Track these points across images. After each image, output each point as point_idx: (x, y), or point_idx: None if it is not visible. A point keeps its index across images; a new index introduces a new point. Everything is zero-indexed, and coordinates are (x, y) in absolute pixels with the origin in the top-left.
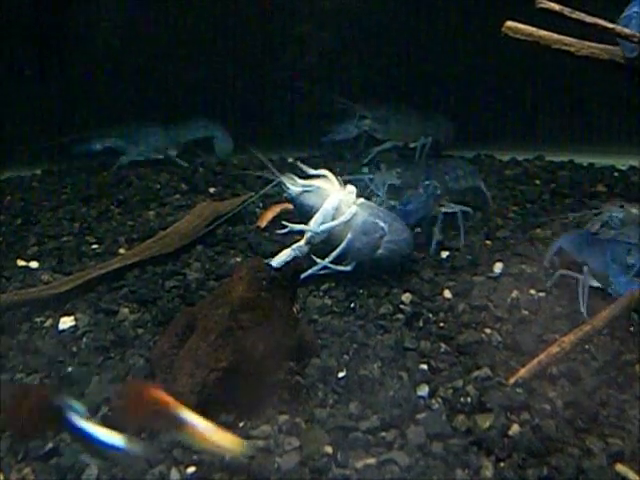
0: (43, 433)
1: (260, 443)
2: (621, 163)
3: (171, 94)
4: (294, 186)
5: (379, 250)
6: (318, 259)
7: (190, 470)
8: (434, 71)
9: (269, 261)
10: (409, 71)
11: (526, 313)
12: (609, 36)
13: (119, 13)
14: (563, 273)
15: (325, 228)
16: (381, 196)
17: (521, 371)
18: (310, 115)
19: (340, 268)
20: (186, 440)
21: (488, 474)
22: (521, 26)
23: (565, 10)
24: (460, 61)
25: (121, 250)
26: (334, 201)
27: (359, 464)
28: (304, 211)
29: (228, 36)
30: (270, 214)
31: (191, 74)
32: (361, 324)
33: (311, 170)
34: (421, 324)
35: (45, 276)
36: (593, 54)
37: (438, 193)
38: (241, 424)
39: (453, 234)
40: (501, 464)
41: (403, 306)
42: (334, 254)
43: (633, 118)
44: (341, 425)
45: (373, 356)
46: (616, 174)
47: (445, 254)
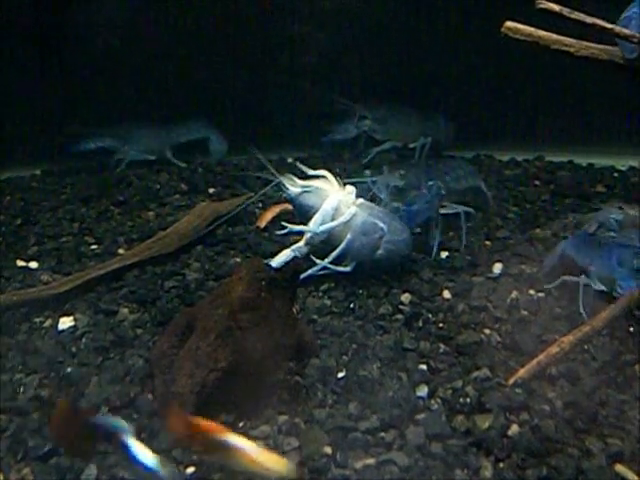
0: (88, 450)
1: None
2: (621, 163)
3: (171, 94)
4: (293, 186)
5: (378, 250)
6: (317, 259)
7: (190, 470)
8: (434, 71)
9: (268, 261)
10: (409, 71)
11: (525, 313)
12: (608, 37)
13: (119, 13)
14: (566, 279)
15: (324, 229)
16: (384, 199)
17: (520, 371)
18: (310, 115)
19: (339, 268)
20: (232, 464)
21: (487, 474)
22: (521, 26)
23: (564, 10)
24: (460, 61)
25: (120, 250)
26: (333, 202)
27: (358, 464)
28: (303, 211)
29: (227, 36)
30: (270, 214)
31: (191, 74)
32: (360, 324)
33: (310, 170)
34: (420, 324)
35: (44, 276)
36: (592, 54)
37: (442, 193)
38: (241, 424)
39: (452, 234)
40: (500, 464)
41: (402, 306)
42: (333, 254)
43: (633, 118)
44: (340, 425)
45: (372, 356)
46: (616, 174)
47: (444, 254)
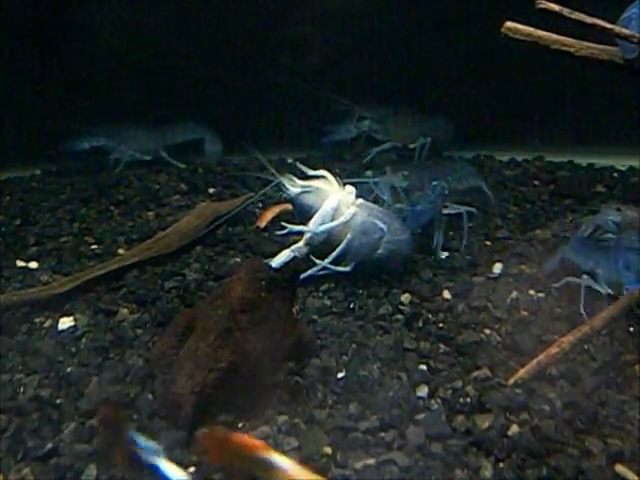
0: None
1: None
2: (621, 164)
3: (171, 94)
4: (293, 187)
5: (378, 250)
6: (317, 260)
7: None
8: (434, 72)
9: (268, 262)
10: (409, 72)
11: (525, 314)
12: (608, 37)
13: (118, 14)
14: (570, 280)
15: (324, 229)
16: (387, 200)
17: (520, 372)
18: (310, 115)
19: (339, 269)
20: None
21: (487, 474)
22: (521, 26)
23: (564, 10)
24: (460, 61)
25: (120, 250)
26: (333, 202)
27: (358, 464)
28: (303, 212)
29: (227, 36)
30: (269, 214)
31: (191, 74)
32: (360, 324)
33: (310, 171)
34: (420, 325)
35: (44, 276)
36: (592, 55)
37: (446, 193)
38: (240, 425)
39: (452, 234)
40: (500, 464)
41: (402, 306)
42: (333, 255)
43: (633, 118)
44: (340, 425)
45: (372, 357)
46: (615, 175)
47: (444, 254)
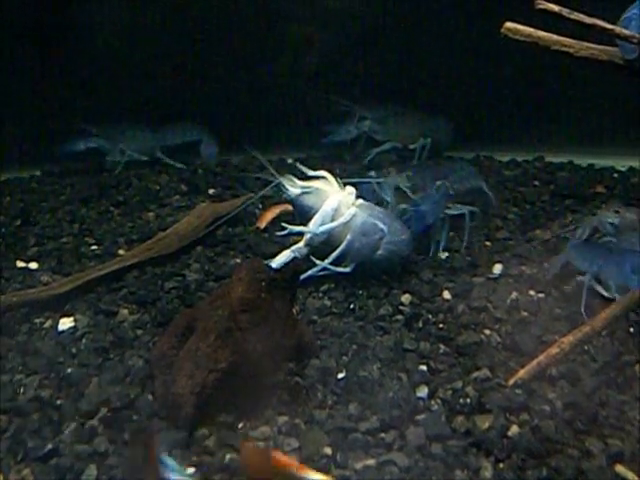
0: None
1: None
2: (621, 164)
3: (171, 94)
4: (293, 187)
5: (378, 251)
6: (317, 260)
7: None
8: (434, 72)
9: (268, 262)
10: (409, 72)
11: (525, 314)
12: (608, 37)
13: (118, 14)
14: (581, 279)
15: (324, 229)
16: (390, 201)
17: (520, 372)
18: (309, 116)
19: (339, 269)
20: None
21: (487, 475)
22: (520, 27)
23: (564, 11)
24: (459, 62)
25: (120, 251)
26: (333, 202)
27: (358, 465)
28: (303, 212)
29: (227, 37)
30: (269, 215)
31: (191, 75)
32: (360, 325)
33: (310, 171)
34: (420, 325)
35: (44, 277)
36: (592, 55)
37: (451, 194)
38: (240, 425)
39: (452, 235)
40: (500, 465)
41: (402, 307)
42: (333, 255)
43: (633, 118)
44: (340, 426)
45: (372, 357)
46: (616, 175)
47: (444, 255)
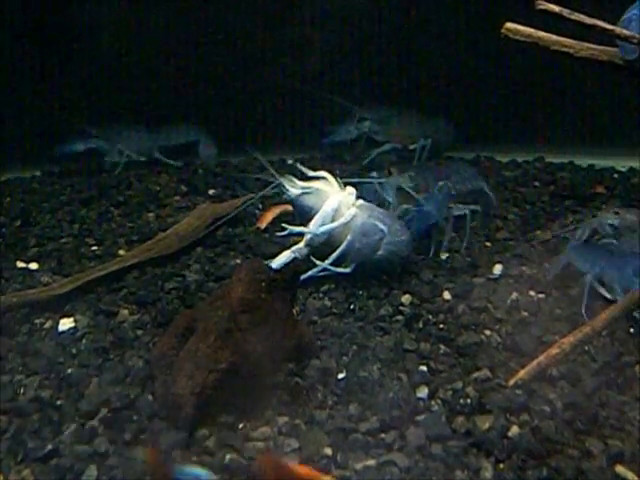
0: None
1: (260, 445)
2: (621, 164)
3: (171, 95)
4: (294, 188)
5: (379, 251)
6: (318, 261)
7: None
8: (434, 73)
9: (269, 263)
10: (409, 73)
11: (526, 314)
12: (608, 38)
13: (117, 14)
14: (589, 279)
15: (324, 230)
16: (392, 202)
17: (521, 372)
18: (310, 116)
19: (340, 270)
20: None
21: (487, 475)
22: (520, 27)
23: (564, 11)
24: (460, 63)
25: (121, 252)
26: (333, 203)
27: (358, 465)
28: (304, 213)
29: (228, 38)
30: (270, 215)
31: (191, 75)
32: (361, 325)
33: (311, 172)
34: (421, 325)
35: (45, 277)
36: (592, 55)
37: (453, 194)
38: (240, 425)
39: (452, 235)
40: (500, 465)
41: (403, 307)
42: (334, 256)
43: (633, 119)
44: (340, 426)
45: (373, 357)
46: (616, 175)
47: (445, 255)
